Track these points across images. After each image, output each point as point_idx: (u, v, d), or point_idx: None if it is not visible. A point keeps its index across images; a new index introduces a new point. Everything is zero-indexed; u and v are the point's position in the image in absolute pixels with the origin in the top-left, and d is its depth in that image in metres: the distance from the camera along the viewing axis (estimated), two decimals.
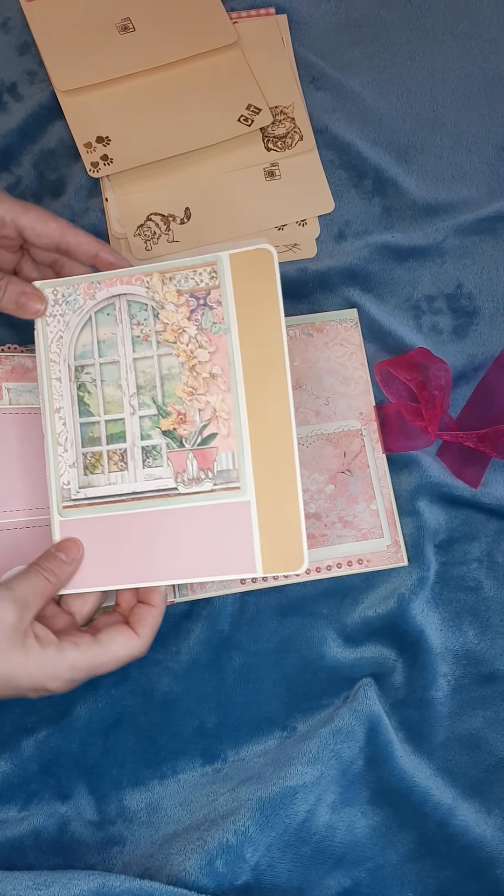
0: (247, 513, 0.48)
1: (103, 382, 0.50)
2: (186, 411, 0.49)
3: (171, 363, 0.50)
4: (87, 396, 0.51)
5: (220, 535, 0.48)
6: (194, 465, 0.49)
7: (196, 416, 0.49)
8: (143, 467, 0.50)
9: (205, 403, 0.49)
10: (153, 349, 0.50)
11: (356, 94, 0.68)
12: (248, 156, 0.66)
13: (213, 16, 0.68)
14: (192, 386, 0.49)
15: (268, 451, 0.48)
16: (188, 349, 0.49)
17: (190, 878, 0.50)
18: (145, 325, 0.50)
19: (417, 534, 0.58)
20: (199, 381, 0.49)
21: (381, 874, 0.53)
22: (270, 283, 0.49)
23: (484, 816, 0.54)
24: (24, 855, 0.53)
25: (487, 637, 0.57)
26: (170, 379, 0.50)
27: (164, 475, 0.49)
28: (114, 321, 0.50)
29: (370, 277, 0.64)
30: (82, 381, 0.51)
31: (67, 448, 0.50)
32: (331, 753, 0.53)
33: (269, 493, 0.48)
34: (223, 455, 0.49)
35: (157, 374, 0.50)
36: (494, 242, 0.66)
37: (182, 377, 0.49)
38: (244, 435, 0.48)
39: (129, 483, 0.50)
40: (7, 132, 0.66)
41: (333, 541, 0.57)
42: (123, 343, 0.50)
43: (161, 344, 0.50)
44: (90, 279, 0.51)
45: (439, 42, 0.70)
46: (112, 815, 0.54)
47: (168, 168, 0.65)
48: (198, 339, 0.49)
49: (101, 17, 0.67)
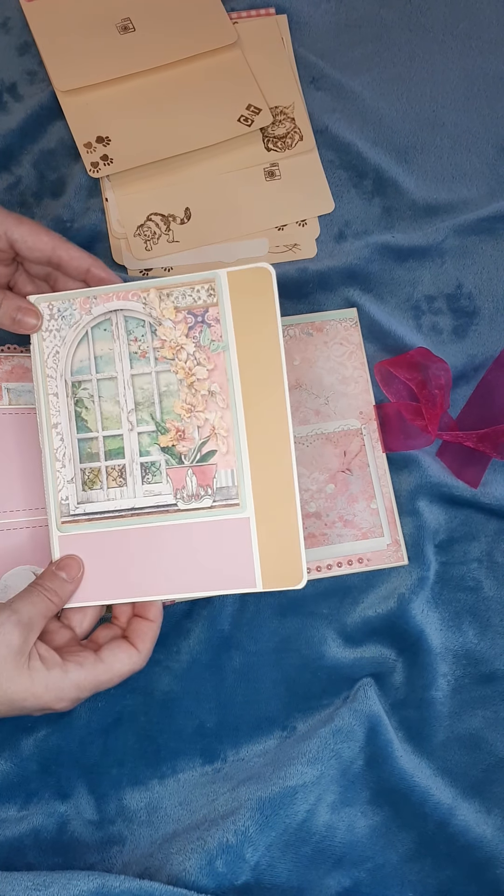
0: (246, 529, 0.48)
1: (101, 398, 0.50)
2: (185, 428, 0.49)
3: (170, 380, 0.50)
4: (84, 412, 0.50)
5: (219, 551, 0.49)
6: (194, 481, 0.49)
7: (195, 433, 0.49)
8: (143, 483, 0.50)
9: (203, 420, 0.49)
10: (151, 366, 0.50)
11: (356, 94, 0.68)
12: (248, 156, 0.66)
13: (213, 16, 0.68)
14: (191, 403, 0.49)
15: (267, 467, 0.49)
16: (186, 366, 0.49)
17: (190, 878, 0.50)
18: (143, 341, 0.50)
19: (417, 533, 0.58)
20: (197, 399, 0.49)
21: (381, 874, 0.53)
22: (269, 302, 0.49)
23: (484, 816, 0.54)
24: (24, 854, 0.53)
25: (487, 637, 0.57)
26: (168, 396, 0.50)
27: (164, 491, 0.49)
28: (111, 337, 0.50)
29: (370, 277, 0.64)
30: (80, 396, 0.50)
31: (65, 464, 0.50)
32: (331, 753, 0.53)
33: (269, 509, 0.48)
34: (222, 472, 0.49)
35: (156, 390, 0.50)
36: (494, 242, 0.66)
37: (180, 394, 0.50)
38: (243, 452, 0.49)
39: (128, 499, 0.50)
40: (7, 132, 0.66)
41: (333, 540, 0.57)
42: (121, 359, 0.50)
43: (159, 360, 0.50)
44: (86, 294, 0.51)
45: (439, 42, 0.70)
46: (112, 814, 0.54)
47: (168, 168, 0.65)
48: (196, 357, 0.49)
49: (101, 17, 0.67)
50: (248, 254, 0.64)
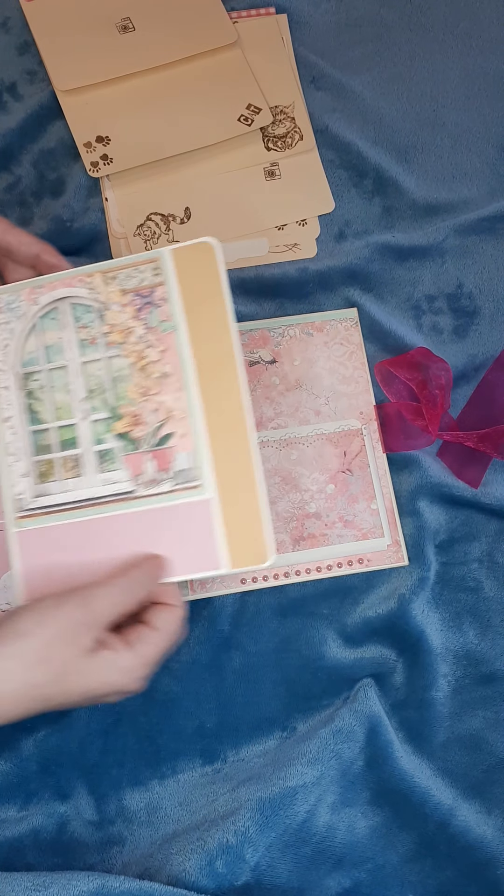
0: (208, 510, 0.47)
1: (52, 388, 0.49)
2: (140, 412, 0.48)
3: (122, 365, 0.49)
4: (36, 403, 0.50)
5: (182, 535, 0.48)
6: (152, 466, 0.48)
7: (150, 417, 0.48)
8: (99, 472, 0.49)
9: (158, 403, 0.48)
10: (101, 352, 0.49)
11: (356, 93, 0.68)
12: (248, 156, 0.66)
13: (213, 15, 0.68)
14: (145, 386, 0.48)
15: (226, 446, 0.48)
16: (137, 349, 0.49)
17: (190, 878, 0.50)
18: (91, 327, 0.49)
19: (418, 534, 0.58)
20: (151, 382, 0.48)
21: (381, 874, 0.53)
22: (215, 278, 0.48)
23: (484, 817, 0.54)
24: (23, 855, 0.53)
25: (488, 637, 0.57)
26: (121, 381, 0.49)
27: (121, 479, 0.48)
28: (59, 325, 0.50)
29: (370, 277, 0.64)
30: (31, 388, 0.50)
31: (20, 457, 0.49)
32: (331, 754, 0.53)
33: (230, 488, 0.47)
34: (181, 454, 0.48)
35: (108, 376, 0.49)
36: (495, 242, 0.65)
37: (133, 378, 0.49)
38: (201, 433, 0.48)
39: (84, 489, 0.49)
40: (7, 132, 0.66)
41: (334, 540, 0.57)
42: (70, 347, 0.50)
43: (109, 346, 0.49)
44: (31, 284, 0.50)
45: (440, 41, 0.70)
46: (111, 814, 0.54)
47: (168, 168, 0.65)
48: (147, 339, 0.49)
49: (101, 17, 0.67)
50: (248, 253, 0.64)
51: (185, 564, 0.47)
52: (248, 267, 0.64)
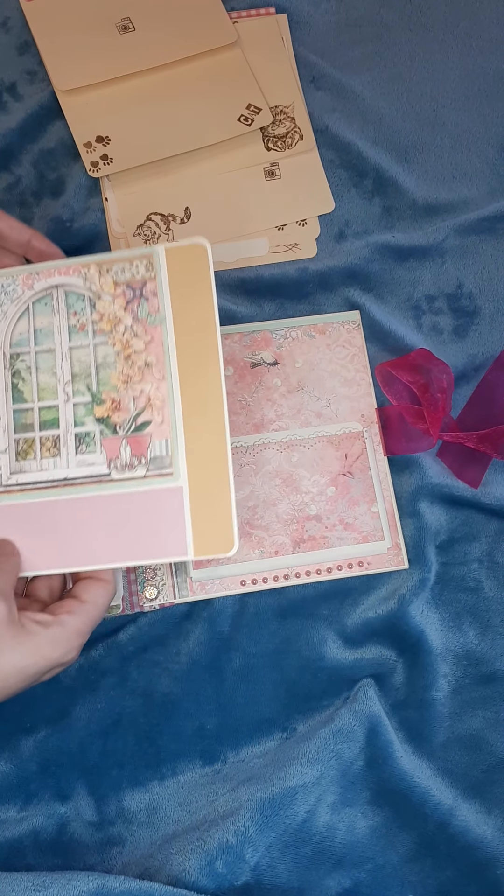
0: (179, 498, 0.49)
1: (38, 370, 0.51)
2: (121, 399, 0.50)
3: (107, 352, 0.50)
4: (21, 383, 0.51)
5: (152, 520, 0.49)
6: (128, 451, 0.49)
7: (130, 404, 0.50)
8: (77, 454, 0.50)
9: (139, 392, 0.50)
10: (89, 338, 0.51)
11: (356, 93, 0.68)
12: (248, 156, 0.66)
13: (213, 15, 0.68)
14: (127, 374, 0.50)
15: (201, 438, 0.49)
16: (123, 339, 0.50)
17: (190, 878, 0.50)
18: (82, 314, 0.51)
19: (418, 535, 0.58)
20: (134, 370, 0.50)
21: (381, 875, 0.53)
22: (205, 277, 0.50)
23: (484, 817, 0.54)
24: (23, 855, 0.53)
25: (488, 637, 0.57)
26: (105, 367, 0.50)
27: (98, 461, 0.50)
28: (51, 311, 0.51)
29: (370, 277, 0.64)
30: (17, 368, 0.51)
31: (1, 434, 0.51)
32: (331, 754, 0.53)
33: (202, 478, 0.49)
34: (157, 442, 0.49)
35: (93, 362, 0.50)
36: (495, 242, 0.65)
37: (117, 366, 0.50)
38: (178, 422, 0.49)
39: (61, 469, 0.50)
40: (7, 132, 0.66)
41: (334, 543, 0.57)
42: (60, 332, 0.51)
43: (97, 333, 0.51)
44: (29, 270, 0.51)
45: (439, 42, 0.70)
46: (111, 815, 0.54)
47: (168, 168, 0.65)
48: (133, 329, 0.50)
49: (101, 17, 0.67)
50: (248, 253, 0.64)
51: (153, 550, 0.48)
52: (248, 267, 0.64)
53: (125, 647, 0.56)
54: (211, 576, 0.56)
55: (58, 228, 0.64)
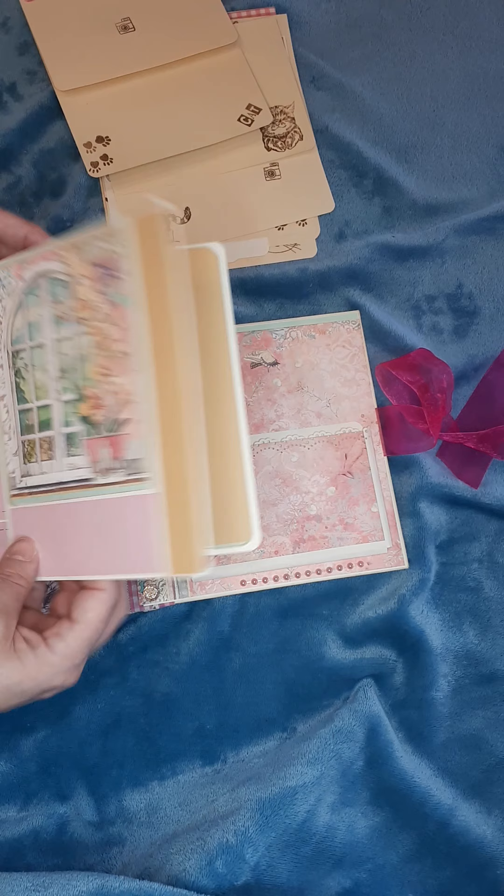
0: (153, 507, 0.42)
1: (34, 367, 0.47)
2: (100, 395, 0.44)
3: (88, 342, 0.45)
4: (22, 383, 0.48)
5: (128, 531, 0.44)
6: (107, 453, 0.44)
7: (109, 399, 0.44)
8: (66, 456, 0.46)
9: (118, 386, 0.44)
10: (73, 329, 0.45)
11: (356, 93, 0.68)
12: (248, 156, 0.66)
13: (213, 16, 0.68)
14: (105, 366, 0.44)
15: (180, 439, 0.42)
16: (101, 326, 0.44)
17: (190, 878, 0.50)
18: (63, 302, 0.46)
19: (418, 535, 0.58)
20: (111, 361, 0.44)
21: (381, 874, 0.53)
22: (179, 252, 0.44)
23: (484, 817, 0.54)
24: (23, 855, 0.53)
25: (488, 637, 0.57)
26: (86, 360, 0.45)
27: (83, 465, 0.45)
28: (39, 302, 0.47)
29: (370, 277, 0.64)
30: (18, 366, 0.48)
31: (11, 436, 0.48)
32: (331, 754, 0.53)
33: (179, 485, 0.42)
34: (134, 442, 0.43)
35: (77, 355, 0.45)
36: (495, 242, 0.65)
37: (97, 357, 0.44)
38: (153, 420, 0.42)
39: (56, 472, 0.46)
40: (7, 132, 0.66)
41: (334, 543, 0.57)
42: (47, 324, 0.46)
43: (80, 322, 0.45)
44: (19, 260, 0.47)
45: (439, 42, 0.70)
46: (111, 815, 0.54)
47: (168, 168, 0.65)
48: (111, 317, 0.44)
49: (101, 17, 0.67)
50: (249, 253, 0.64)
51: (132, 563, 0.44)
52: (248, 267, 0.64)
53: (125, 647, 0.56)
54: (211, 576, 0.56)
55: (58, 228, 0.64)
